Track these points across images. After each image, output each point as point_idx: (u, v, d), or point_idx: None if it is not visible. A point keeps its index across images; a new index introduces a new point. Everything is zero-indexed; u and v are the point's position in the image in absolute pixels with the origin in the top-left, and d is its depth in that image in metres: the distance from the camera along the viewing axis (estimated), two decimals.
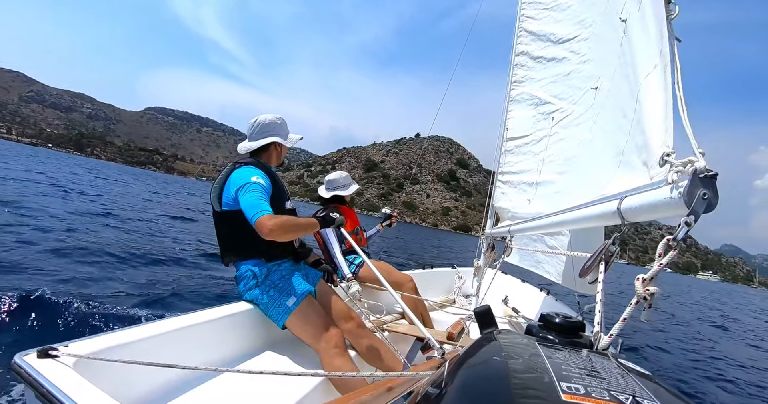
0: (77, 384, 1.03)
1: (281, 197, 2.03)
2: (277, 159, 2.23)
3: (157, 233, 8.93)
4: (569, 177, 2.40)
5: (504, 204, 3.36)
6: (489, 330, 0.80)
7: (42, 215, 7.99)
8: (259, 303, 1.97)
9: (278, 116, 2.18)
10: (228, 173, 1.95)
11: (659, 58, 1.01)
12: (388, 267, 3.21)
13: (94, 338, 1.32)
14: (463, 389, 0.50)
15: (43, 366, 1.08)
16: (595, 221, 1.19)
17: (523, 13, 3.42)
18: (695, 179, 0.72)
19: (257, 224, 1.69)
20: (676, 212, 0.77)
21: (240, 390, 1.59)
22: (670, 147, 0.86)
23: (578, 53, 2.70)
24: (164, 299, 4.47)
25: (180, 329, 1.60)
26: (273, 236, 1.69)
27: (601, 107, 1.97)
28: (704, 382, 5.08)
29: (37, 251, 5.33)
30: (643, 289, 0.78)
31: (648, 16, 1.16)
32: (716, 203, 0.71)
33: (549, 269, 3.53)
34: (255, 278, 1.96)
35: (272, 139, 2.13)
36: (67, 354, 1.15)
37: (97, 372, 1.18)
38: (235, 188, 1.84)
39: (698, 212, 0.71)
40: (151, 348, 1.44)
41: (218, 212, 1.95)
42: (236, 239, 1.96)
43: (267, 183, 1.90)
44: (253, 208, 1.72)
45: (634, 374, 0.53)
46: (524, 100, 3.33)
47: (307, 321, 1.89)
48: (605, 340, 0.78)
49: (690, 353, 6.88)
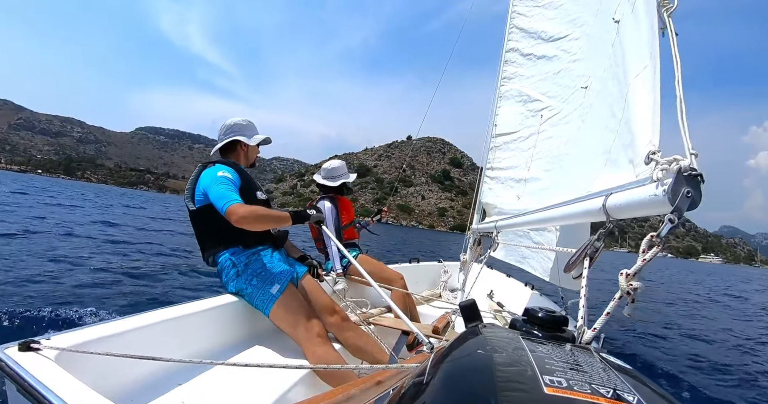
0: (59, 378, 1.01)
1: (251, 189, 2.08)
2: (245, 159, 2.29)
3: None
4: (556, 174, 2.43)
5: (491, 200, 3.39)
6: (474, 323, 0.80)
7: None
8: (244, 294, 1.98)
9: (245, 118, 2.28)
10: (198, 174, 2.02)
11: (649, 59, 1.03)
12: (379, 264, 3.22)
13: (76, 331, 1.29)
14: (448, 381, 0.51)
15: (25, 359, 1.05)
16: (580, 218, 1.21)
17: (514, 9, 3.43)
18: (679, 177, 0.74)
19: (227, 212, 1.74)
20: (660, 209, 0.78)
21: (225, 383, 1.58)
22: (656, 146, 0.87)
23: (569, 52, 2.72)
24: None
25: (164, 321, 1.59)
26: (243, 224, 1.73)
27: (590, 106, 2.00)
28: (695, 374, 5.18)
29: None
30: (626, 284, 0.79)
31: (641, 18, 1.18)
32: (699, 201, 0.73)
33: (534, 265, 3.58)
34: (235, 267, 1.97)
35: (234, 137, 2.21)
36: (49, 347, 1.13)
37: (80, 365, 1.16)
38: (204, 185, 1.91)
39: (682, 210, 0.73)
40: (134, 341, 1.42)
41: (193, 211, 1.99)
42: (212, 232, 2.00)
43: (234, 176, 1.97)
44: (223, 198, 1.78)
45: (615, 368, 0.55)
46: (513, 96, 3.35)
47: (288, 311, 1.90)
48: (588, 334, 0.80)
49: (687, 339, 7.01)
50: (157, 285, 5.19)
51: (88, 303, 3.66)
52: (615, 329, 6.56)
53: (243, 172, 2.09)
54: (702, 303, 13.25)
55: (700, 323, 8.97)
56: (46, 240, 7.19)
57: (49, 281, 4.40)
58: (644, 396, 0.45)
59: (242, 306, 2.00)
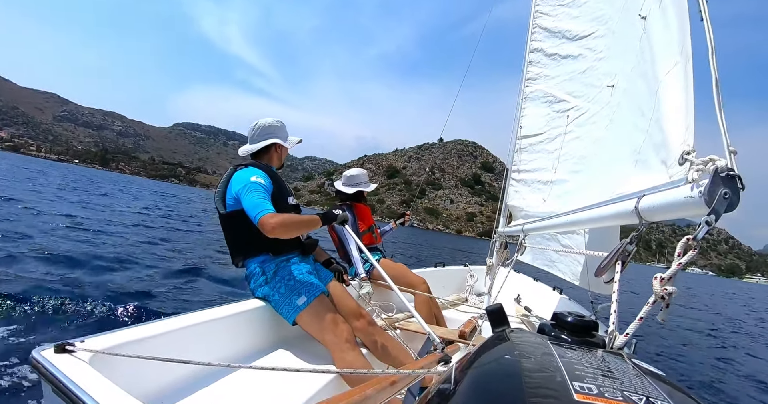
0: (93, 379, 1.04)
1: (282, 194, 2.09)
2: (278, 160, 2.29)
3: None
4: (584, 176, 2.37)
5: (517, 203, 3.33)
6: (501, 328, 0.79)
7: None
8: (270, 300, 2.01)
9: (277, 119, 2.26)
10: (229, 177, 2.01)
11: (680, 55, 1.00)
12: (403, 268, 3.21)
13: (109, 334, 1.34)
14: (475, 387, 0.51)
15: (60, 361, 1.10)
16: (611, 221, 1.18)
17: (537, 9, 3.38)
18: (716, 177, 0.71)
19: (260, 223, 1.74)
20: (696, 211, 0.75)
21: (252, 387, 1.60)
22: (691, 145, 0.84)
23: (594, 50, 2.66)
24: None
25: (193, 325, 1.63)
26: (276, 234, 1.74)
27: (618, 105, 1.95)
28: (726, 383, 4.97)
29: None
30: (661, 288, 0.77)
31: (669, 13, 1.14)
32: (737, 202, 0.70)
33: (562, 269, 3.50)
34: (264, 275, 2.00)
35: (272, 140, 2.20)
36: (83, 349, 1.17)
37: (113, 367, 1.20)
38: (237, 190, 1.91)
39: (719, 212, 0.70)
40: (165, 344, 1.47)
41: (223, 215, 2.01)
42: (242, 238, 2.01)
43: (267, 182, 1.96)
44: (256, 208, 1.78)
45: (648, 375, 0.53)
46: (538, 97, 3.29)
47: (317, 316, 1.91)
48: (620, 339, 0.77)
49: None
50: (190, 287, 5.31)
51: (122, 304, 3.78)
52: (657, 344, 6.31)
53: (275, 175, 2.11)
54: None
55: (743, 340, 8.55)
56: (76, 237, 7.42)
57: (89, 281, 4.56)
58: (678, 403, 0.44)
59: (269, 311, 2.03)
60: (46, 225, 7.92)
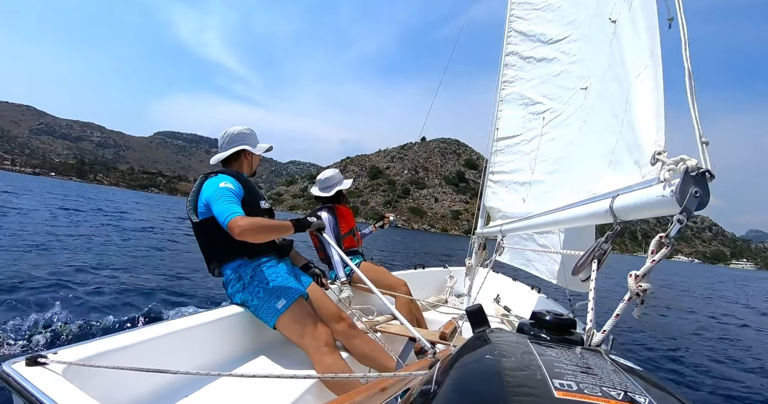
0: (67, 392, 1.01)
1: (254, 198, 2.08)
2: (248, 167, 2.29)
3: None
4: (560, 177, 2.42)
5: (495, 204, 3.37)
6: (481, 328, 0.80)
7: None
8: (250, 306, 1.98)
9: (247, 127, 2.27)
10: (200, 185, 2.01)
11: (650, 58, 1.03)
12: (383, 271, 3.20)
13: (83, 344, 1.29)
14: (457, 387, 0.51)
15: (32, 373, 1.05)
16: (586, 220, 1.21)
17: (512, 13, 3.44)
18: (687, 177, 0.73)
19: (229, 226, 1.73)
20: (668, 210, 0.77)
21: (233, 394, 1.57)
22: (662, 146, 0.87)
23: (568, 54, 2.72)
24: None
25: (170, 333, 1.58)
26: (245, 237, 1.72)
27: (591, 108, 1.99)
28: (703, 375, 5.11)
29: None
30: (635, 286, 0.78)
31: (638, 17, 1.17)
32: (707, 200, 0.72)
33: (540, 268, 3.56)
34: (241, 280, 1.98)
35: (241, 147, 2.21)
36: (56, 361, 1.13)
37: (87, 378, 1.16)
38: (207, 197, 1.90)
39: (690, 210, 0.72)
40: (141, 354, 1.42)
41: (196, 223, 1.99)
42: (216, 244, 1.99)
43: (237, 187, 1.96)
44: (224, 212, 1.77)
45: (625, 370, 0.54)
46: (514, 99, 3.35)
47: (296, 320, 1.90)
48: (598, 336, 0.79)
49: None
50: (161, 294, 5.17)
51: (96, 316, 3.65)
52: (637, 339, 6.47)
53: (246, 181, 2.10)
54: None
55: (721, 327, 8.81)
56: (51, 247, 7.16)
57: (59, 294, 4.38)
58: (655, 397, 0.45)
59: (248, 316, 1.99)
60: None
